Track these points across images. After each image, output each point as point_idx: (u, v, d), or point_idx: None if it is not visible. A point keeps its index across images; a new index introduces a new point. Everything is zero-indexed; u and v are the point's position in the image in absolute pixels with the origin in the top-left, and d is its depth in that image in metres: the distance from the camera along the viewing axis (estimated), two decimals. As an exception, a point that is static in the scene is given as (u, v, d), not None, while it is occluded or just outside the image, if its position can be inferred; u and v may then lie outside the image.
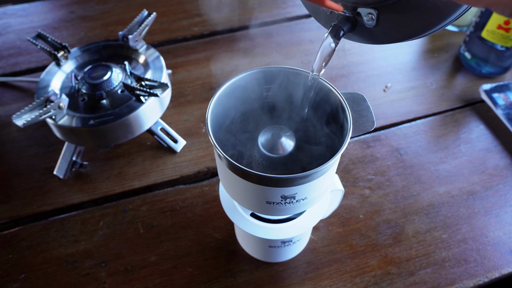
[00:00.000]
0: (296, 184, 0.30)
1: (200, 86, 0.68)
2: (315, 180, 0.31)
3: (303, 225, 0.41)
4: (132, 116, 0.51)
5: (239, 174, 0.31)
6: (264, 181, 0.30)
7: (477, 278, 0.47)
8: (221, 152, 0.30)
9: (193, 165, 0.57)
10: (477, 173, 0.56)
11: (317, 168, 0.29)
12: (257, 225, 0.41)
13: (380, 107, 0.65)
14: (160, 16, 0.80)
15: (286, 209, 0.34)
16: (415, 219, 0.52)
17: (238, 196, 0.36)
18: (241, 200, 0.36)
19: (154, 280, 0.47)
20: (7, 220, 0.52)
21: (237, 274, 0.47)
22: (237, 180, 0.32)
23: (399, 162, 0.58)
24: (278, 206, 0.33)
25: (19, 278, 0.47)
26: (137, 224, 0.51)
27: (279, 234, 0.40)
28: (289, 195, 0.32)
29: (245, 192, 0.33)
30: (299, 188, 0.31)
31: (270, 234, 0.40)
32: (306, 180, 0.30)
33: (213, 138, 0.31)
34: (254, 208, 0.35)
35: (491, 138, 0.61)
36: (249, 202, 0.35)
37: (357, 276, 0.47)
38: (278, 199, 0.32)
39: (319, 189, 0.33)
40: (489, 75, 0.69)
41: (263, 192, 0.32)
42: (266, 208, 0.34)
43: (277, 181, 0.30)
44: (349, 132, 0.31)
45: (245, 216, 0.41)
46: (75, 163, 0.55)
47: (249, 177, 0.31)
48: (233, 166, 0.30)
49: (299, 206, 0.34)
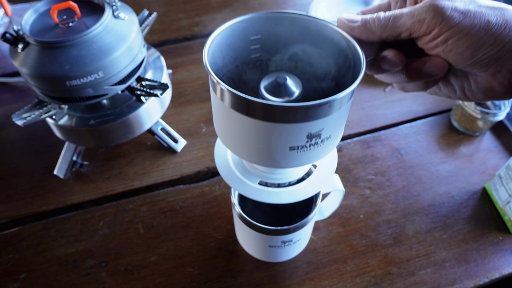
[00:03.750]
0: (323, 115, 0.26)
1: (200, 86, 0.68)
2: (340, 110, 0.27)
3: (313, 186, 0.36)
4: (132, 116, 0.51)
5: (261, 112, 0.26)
6: (290, 114, 0.25)
7: (477, 278, 0.47)
8: (224, 85, 0.25)
9: (193, 165, 0.57)
10: (477, 173, 0.56)
11: (345, 91, 0.25)
12: (264, 190, 0.35)
13: (380, 107, 0.65)
14: (161, 16, 0.80)
15: (311, 154, 0.29)
16: (416, 219, 0.52)
17: (252, 150, 0.30)
18: (257, 154, 0.30)
19: (154, 280, 0.47)
20: (7, 220, 0.52)
21: (237, 274, 0.47)
22: (251, 125, 0.27)
23: (400, 162, 0.58)
24: (303, 151, 0.29)
25: (19, 278, 0.47)
26: (137, 224, 0.51)
27: (288, 197, 0.35)
28: (315, 133, 0.28)
29: (264, 140, 0.28)
30: (325, 121, 0.27)
31: (278, 198, 0.35)
32: (333, 109, 0.26)
33: (210, 67, 0.27)
34: (272, 159, 0.29)
35: (491, 138, 0.61)
36: (267, 152, 0.29)
37: (357, 276, 0.47)
38: (303, 141, 0.28)
39: (342, 122, 0.30)
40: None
41: (288, 135, 0.27)
42: (288, 157, 0.29)
43: (305, 110, 0.25)
44: (362, 56, 0.28)
45: (247, 183, 0.36)
46: (75, 163, 0.55)
47: (271, 114, 0.26)
48: (245, 101, 0.25)
49: (323, 148, 0.30)
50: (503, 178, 0.50)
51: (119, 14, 0.47)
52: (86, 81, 0.44)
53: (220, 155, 0.38)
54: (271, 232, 0.40)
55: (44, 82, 0.44)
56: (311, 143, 0.28)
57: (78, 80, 0.44)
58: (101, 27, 0.45)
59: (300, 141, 0.28)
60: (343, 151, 0.59)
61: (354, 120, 0.63)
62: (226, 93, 0.26)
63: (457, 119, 0.61)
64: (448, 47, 0.26)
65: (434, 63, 0.28)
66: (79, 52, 0.43)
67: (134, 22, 0.48)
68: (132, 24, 0.48)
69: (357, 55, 0.28)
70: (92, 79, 0.44)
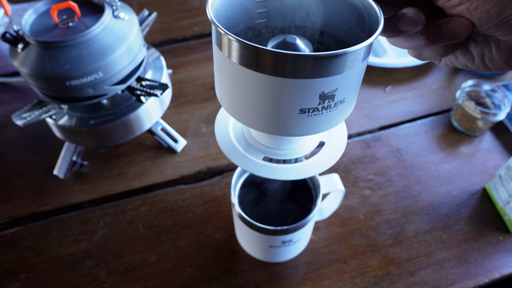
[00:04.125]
0: (337, 72, 0.24)
1: (200, 86, 0.68)
2: (355, 68, 0.26)
3: (320, 163, 0.34)
4: (132, 116, 0.51)
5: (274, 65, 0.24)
6: (302, 66, 0.23)
7: (477, 278, 0.47)
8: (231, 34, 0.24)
9: (193, 165, 0.57)
10: (477, 173, 0.56)
11: (362, 44, 0.23)
12: (269, 165, 0.33)
13: (380, 107, 0.65)
14: (161, 16, 0.80)
15: (322, 120, 0.27)
16: (416, 219, 0.52)
17: (259, 115, 0.27)
18: (265, 119, 0.27)
19: (154, 280, 0.47)
20: (7, 220, 0.52)
21: (237, 274, 0.47)
22: (259, 82, 0.25)
23: (400, 162, 0.58)
24: (314, 115, 0.26)
25: (19, 278, 0.47)
26: (137, 224, 0.51)
27: (294, 173, 0.33)
28: (329, 93, 0.26)
29: (273, 101, 0.26)
30: (340, 80, 0.25)
31: (284, 174, 0.33)
32: (347, 65, 0.25)
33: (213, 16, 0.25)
34: (281, 124, 0.27)
35: (491, 138, 0.61)
36: (276, 116, 0.27)
37: (358, 276, 0.47)
38: (315, 102, 0.26)
39: (357, 84, 0.28)
40: (489, 75, 0.69)
41: (299, 93, 0.25)
42: (298, 122, 0.27)
43: (318, 62, 0.23)
44: (379, 12, 0.26)
45: (251, 158, 0.34)
46: (75, 163, 0.55)
47: (282, 67, 0.24)
48: (254, 50, 0.23)
49: (336, 113, 0.28)
50: (503, 178, 0.50)
51: (119, 14, 0.47)
52: (86, 81, 0.44)
53: (222, 130, 0.36)
54: (271, 232, 0.40)
55: (44, 82, 0.44)
56: (323, 106, 0.26)
57: (78, 80, 0.44)
58: (101, 27, 0.45)
59: (312, 102, 0.26)
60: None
61: (354, 120, 0.63)
62: (233, 45, 0.24)
63: (457, 119, 0.61)
64: (473, 4, 0.24)
65: (457, 23, 0.25)
66: (79, 52, 0.43)
67: (134, 22, 0.48)
68: (132, 24, 0.48)
69: (373, 12, 0.26)
70: (92, 79, 0.44)
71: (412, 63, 0.69)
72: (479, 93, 0.61)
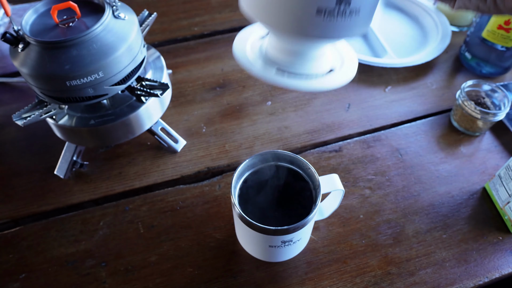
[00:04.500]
0: None
1: (200, 86, 0.68)
2: None
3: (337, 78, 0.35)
4: (132, 116, 0.51)
5: None
6: None
7: (477, 278, 0.47)
8: None
9: (193, 165, 0.57)
10: (477, 173, 0.56)
11: None
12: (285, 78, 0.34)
13: (380, 107, 0.65)
14: (161, 16, 0.80)
15: (337, 26, 0.29)
16: (415, 219, 0.52)
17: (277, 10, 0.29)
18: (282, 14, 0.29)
19: (154, 280, 0.47)
20: (8, 220, 0.52)
21: (237, 274, 0.47)
22: None
23: (399, 162, 0.58)
24: (329, 20, 0.28)
25: (19, 278, 0.47)
26: (137, 224, 0.51)
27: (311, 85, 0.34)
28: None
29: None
30: None
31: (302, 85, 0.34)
32: None
33: None
34: (297, 21, 0.29)
35: (491, 138, 0.61)
36: (295, 14, 0.28)
37: (357, 276, 0.47)
38: (332, 2, 0.27)
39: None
40: (489, 75, 0.70)
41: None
42: (314, 22, 0.28)
43: None
44: None
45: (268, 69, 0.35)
46: (76, 163, 0.56)
47: None
48: None
49: (350, 23, 0.29)
50: (503, 178, 0.51)
51: (119, 14, 0.47)
52: (86, 81, 0.44)
53: (240, 50, 0.37)
54: (271, 232, 0.40)
55: (44, 82, 0.44)
56: (339, 10, 0.28)
57: (78, 80, 0.44)
58: (101, 27, 0.45)
59: (329, 1, 0.27)
60: (343, 151, 0.59)
61: (354, 120, 0.63)
62: None
63: (457, 119, 0.61)
64: None
65: None
66: (79, 52, 0.43)
67: (134, 22, 0.48)
68: (132, 24, 0.48)
69: None
70: (92, 79, 0.44)
71: (412, 63, 0.69)
72: (479, 93, 0.61)
